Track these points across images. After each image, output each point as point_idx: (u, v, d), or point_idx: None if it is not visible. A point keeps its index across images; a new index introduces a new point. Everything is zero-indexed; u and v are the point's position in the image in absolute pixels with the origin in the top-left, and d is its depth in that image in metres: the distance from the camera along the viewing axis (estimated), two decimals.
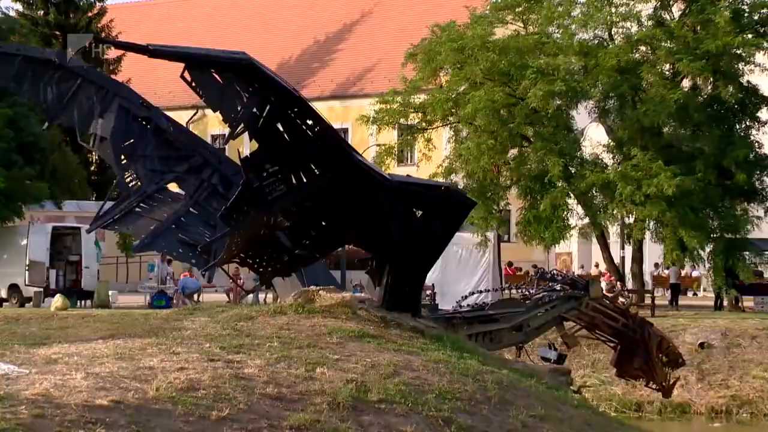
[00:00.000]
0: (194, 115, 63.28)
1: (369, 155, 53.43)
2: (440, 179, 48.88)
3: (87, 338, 18.87)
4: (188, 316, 21.09)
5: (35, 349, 17.39)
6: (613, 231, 55.62)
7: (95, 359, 16.06)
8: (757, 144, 52.44)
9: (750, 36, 51.99)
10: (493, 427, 16.07)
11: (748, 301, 54.97)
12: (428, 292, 44.30)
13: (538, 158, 51.18)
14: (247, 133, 19.96)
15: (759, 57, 52.82)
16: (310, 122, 19.88)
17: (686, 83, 52.85)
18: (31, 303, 48.50)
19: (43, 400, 13.42)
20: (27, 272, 49.44)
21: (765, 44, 52.72)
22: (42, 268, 49.61)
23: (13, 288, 49.75)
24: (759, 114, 53.07)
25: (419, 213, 21.78)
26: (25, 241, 50.01)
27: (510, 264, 59.96)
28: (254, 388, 15.18)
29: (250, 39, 77.97)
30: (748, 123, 52.95)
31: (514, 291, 30.49)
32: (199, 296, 49.66)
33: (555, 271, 35.25)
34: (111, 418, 13.21)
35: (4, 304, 49.40)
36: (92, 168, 69.18)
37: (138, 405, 13.79)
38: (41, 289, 48.96)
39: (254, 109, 19.28)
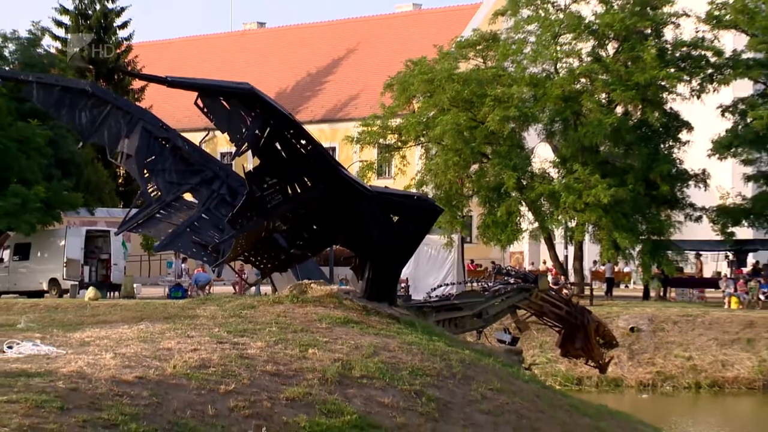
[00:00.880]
0: (206, 136, 63.16)
1: (353, 170, 53.40)
2: (413, 190, 48.87)
3: (115, 324, 18.82)
4: (200, 305, 21.07)
5: (71, 333, 17.36)
6: (558, 233, 55.72)
7: (122, 341, 16.03)
8: (678, 161, 52.63)
9: (672, 70, 52.24)
10: (457, 398, 16.06)
11: (671, 292, 55.19)
12: (403, 284, 44.24)
13: (496, 172, 51.23)
14: (250, 151, 19.94)
15: (680, 87, 53.02)
16: (303, 142, 19.86)
17: (619, 109, 52.98)
18: (68, 294, 48.44)
19: (78, 376, 13.39)
20: (65, 268, 49.38)
21: (685, 77, 52.96)
22: (77, 265, 49.58)
23: (53, 281, 49.71)
24: (680, 135, 53.28)
25: (395, 218, 21.78)
26: (63, 242, 49.97)
27: (472, 261, 59.92)
28: (256, 366, 15.16)
29: (252, 72, 77.90)
30: (671, 143, 53.14)
31: (475, 284, 30.44)
32: (209, 288, 49.54)
33: (509, 267, 35.32)
34: (135, 391, 13.19)
35: (45, 295, 49.29)
36: (120, 180, 68.97)
37: (158, 380, 13.76)
38: (77, 283, 48.91)
39: (256, 131, 19.27)
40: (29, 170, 49.29)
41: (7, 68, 52.77)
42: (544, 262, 62.05)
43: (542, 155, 54.67)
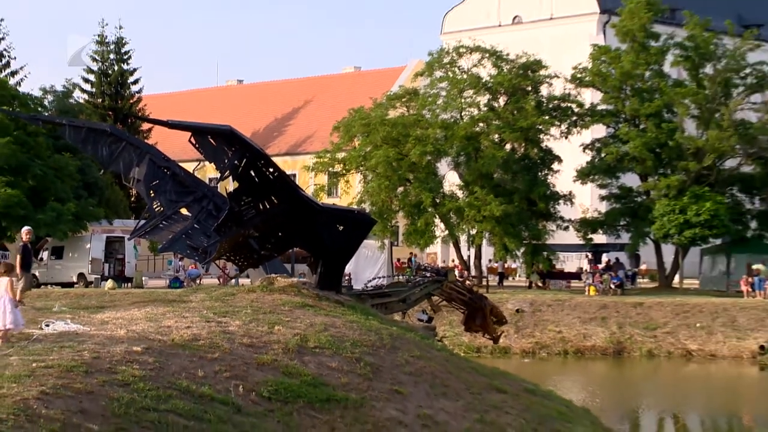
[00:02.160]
0: (198, 165, 62.56)
1: (309, 191, 53.33)
2: (354, 206, 48.87)
3: (127, 307, 18.64)
4: (193, 293, 20.93)
5: (94, 314, 17.18)
6: (463, 239, 55.92)
7: (132, 321, 15.88)
8: (551, 185, 53.07)
9: (547, 117, 52.83)
10: (386, 363, 16.05)
11: (547, 284, 55.52)
12: (346, 277, 44.13)
13: (416, 193, 51.37)
14: (231, 176, 19.84)
15: (553, 130, 53.58)
16: (271, 170, 19.79)
17: (508, 146, 53.33)
18: (93, 285, 47.99)
19: (99, 348, 13.26)
20: (90, 265, 49.01)
21: (556, 123, 53.54)
22: (99, 263, 49.23)
23: (81, 275, 49.23)
24: (553, 166, 53.74)
25: (341, 228, 21.76)
26: (88, 245, 49.59)
27: (398, 260, 60.03)
28: (235, 339, 15.07)
29: (233, 117, 77.42)
30: (546, 171, 53.58)
31: (400, 277, 30.55)
32: (200, 280, 49.22)
33: (426, 264, 35.56)
34: (143, 358, 13.07)
35: (75, 285, 48.76)
36: (132, 199, 68.27)
37: (160, 350, 13.65)
38: (99, 276, 48.55)
39: (236, 162, 19.17)
40: (63, 191, 48.90)
41: (46, 114, 52.45)
42: (453, 260, 62.28)
43: (451, 180, 54.93)
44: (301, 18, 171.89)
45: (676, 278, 54.82)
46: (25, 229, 22.94)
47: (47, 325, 15.22)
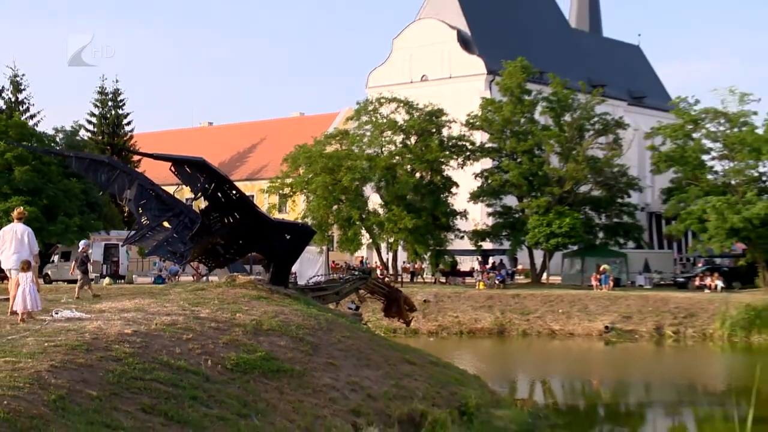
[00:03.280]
0: (177, 188, 61.82)
1: (264, 209, 52.97)
2: (299, 220, 48.70)
3: (120, 299, 18.35)
4: (172, 288, 20.68)
5: (94, 305, 16.89)
6: (384, 245, 56.05)
7: (124, 310, 15.65)
8: (451, 204, 53.48)
9: (447, 153, 53.26)
10: (323, 342, 16.05)
11: (448, 280, 55.81)
12: (292, 275, 43.77)
13: (347, 210, 51.40)
14: (202, 197, 19.68)
15: (452, 162, 54.00)
16: (234, 192, 19.69)
17: (418, 175, 53.64)
18: (93, 281, 46.97)
19: (97, 331, 13.04)
20: (91, 266, 48.15)
21: (454, 157, 54.00)
22: (99, 264, 48.36)
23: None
24: (452, 190, 54.13)
25: (288, 237, 21.70)
26: (91, 251, 48.57)
27: (334, 262, 59.85)
28: (204, 323, 14.94)
29: (205, 150, 76.60)
30: (447, 194, 53.93)
31: (335, 275, 30.47)
32: (178, 278, 48.56)
33: (354, 265, 35.59)
34: (132, 339, 12.89)
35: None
36: (125, 214, 66.91)
37: (146, 333, 13.47)
38: (98, 275, 47.67)
39: (206, 185, 19.04)
40: (70, 208, 48.17)
41: (57, 148, 51.76)
42: (375, 262, 62.32)
43: (374, 200, 55.05)
44: (258, 72, 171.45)
45: (545, 275, 55.67)
46: (83, 242, 23.15)
47: (57, 313, 14.95)
